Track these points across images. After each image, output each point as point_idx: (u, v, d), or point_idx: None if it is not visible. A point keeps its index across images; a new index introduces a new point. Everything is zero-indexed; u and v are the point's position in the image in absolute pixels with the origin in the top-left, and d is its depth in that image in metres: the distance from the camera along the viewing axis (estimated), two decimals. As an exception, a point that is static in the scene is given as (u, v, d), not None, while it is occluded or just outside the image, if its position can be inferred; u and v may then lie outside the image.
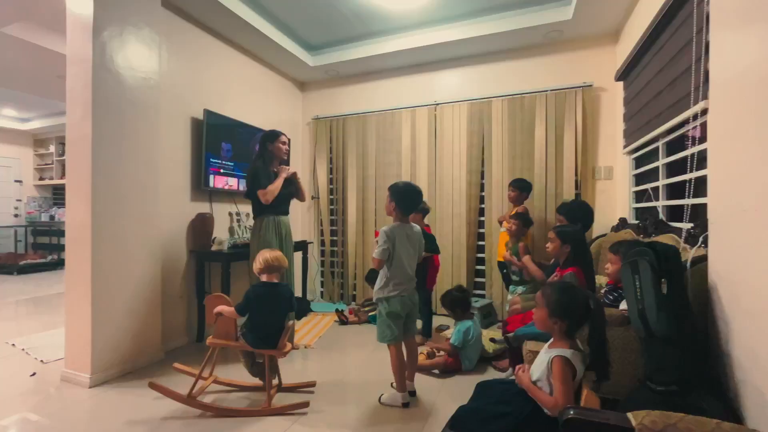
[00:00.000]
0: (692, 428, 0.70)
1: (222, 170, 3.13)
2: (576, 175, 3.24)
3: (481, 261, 3.60)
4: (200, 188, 2.97)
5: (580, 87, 3.20)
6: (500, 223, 3.20)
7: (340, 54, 3.77)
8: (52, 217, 6.83)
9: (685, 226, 1.77)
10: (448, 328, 3.07)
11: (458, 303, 2.48)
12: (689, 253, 1.52)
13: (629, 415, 0.75)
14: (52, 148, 6.88)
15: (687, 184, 1.75)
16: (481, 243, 3.61)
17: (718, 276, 1.37)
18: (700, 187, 1.80)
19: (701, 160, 1.74)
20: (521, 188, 3.03)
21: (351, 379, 2.28)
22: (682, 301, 1.38)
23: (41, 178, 7.09)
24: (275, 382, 2.02)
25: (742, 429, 0.69)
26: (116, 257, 2.25)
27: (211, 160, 3.02)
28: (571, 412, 0.79)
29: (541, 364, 1.23)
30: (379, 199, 3.95)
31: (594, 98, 3.25)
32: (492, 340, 2.58)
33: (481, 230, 3.60)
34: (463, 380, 2.26)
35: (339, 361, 2.55)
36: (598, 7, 2.75)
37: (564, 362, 1.16)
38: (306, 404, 1.88)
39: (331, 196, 4.23)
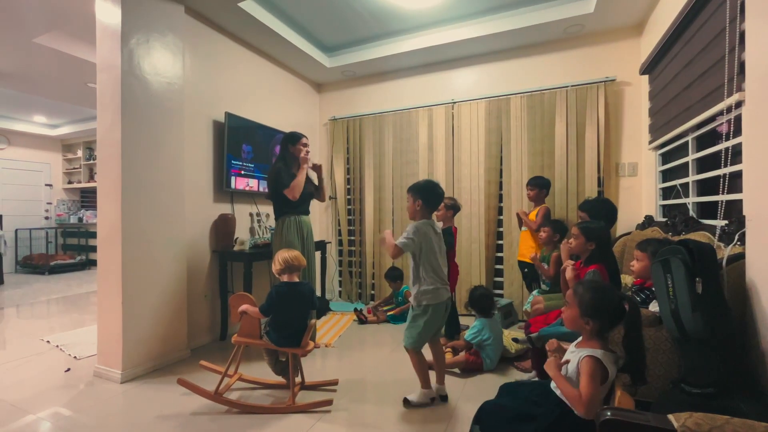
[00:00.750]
0: (739, 431, 0.68)
1: (243, 171, 3.19)
2: (598, 172, 3.16)
3: (500, 260, 3.56)
4: (222, 189, 3.04)
5: (602, 82, 3.12)
6: (519, 218, 3.15)
7: (357, 55, 3.79)
8: (80, 219, 7.09)
9: (719, 223, 1.70)
10: (466, 328, 3.04)
11: (475, 302, 2.47)
12: (725, 251, 1.47)
13: (671, 416, 0.73)
14: (79, 153, 7.14)
15: (721, 179, 1.69)
16: (500, 242, 3.57)
17: (757, 274, 1.32)
18: (732, 183, 1.73)
19: (735, 154, 1.67)
20: (540, 186, 2.98)
21: (372, 378, 2.29)
22: (719, 300, 1.33)
23: (69, 182, 7.37)
24: (298, 380, 2.05)
25: (793, 433, 0.66)
26: (144, 257, 2.33)
27: (233, 161, 3.08)
28: (608, 414, 0.77)
29: (570, 364, 1.21)
30: (397, 199, 3.95)
31: (617, 93, 3.16)
32: (514, 339, 2.54)
33: (500, 229, 3.55)
34: (485, 379, 2.24)
35: (359, 360, 2.56)
36: (621, -1, 2.68)
37: (595, 362, 1.14)
38: (329, 402, 1.90)
39: (349, 197, 4.25)
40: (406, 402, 1.91)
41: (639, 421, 0.74)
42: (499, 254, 3.57)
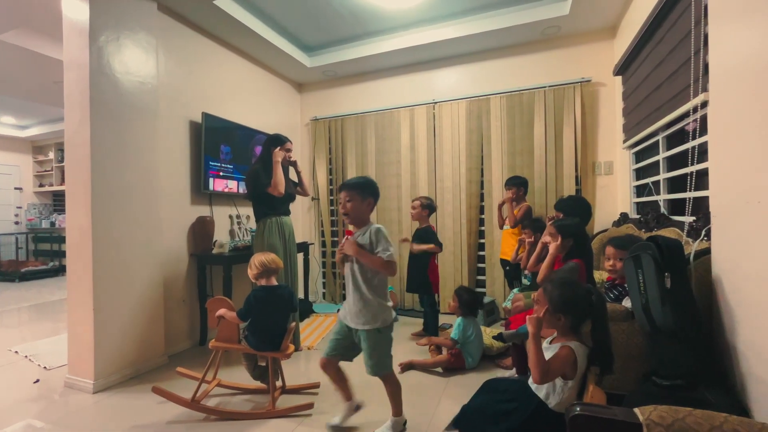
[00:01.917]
0: (701, 422, 0.70)
1: (221, 173, 3.13)
2: (576, 170, 3.23)
3: (482, 259, 3.60)
4: (200, 191, 2.97)
5: (578, 82, 3.19)
6: (499, 215, 3.18)
7: (338, 54, 3.76)
8: (52, 224, 6.83)
9: (687, 219, 1.76)
10: (450, 326, 3.06)
11: (462, 302, 2.48)
12: (692, 247, 1.52)
13: (636, 410, 0.75)
14: (51, 155, 6.88)
15: (688, 177, 1.74)
16: (481, 241, 3.60)
17: (722, 269, 1.37)
18: (701, 180, 1.79)
19: (702, 153, 1.73)
20: (518, 184, 3.02)
21: (354, 380, 2.26)
22: (686, 294, 1.37)
23: (41, 185, 7.08)
24: (279, 384, 2.02)
25: (751, 423, 0.69)
26: (117, 262, 2.25)
27: (211, 163, 3.01)
28: (578, 409, 0.78)
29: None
30: (380, 199, 3.90)
31: (593, 93, 3.24)
32: (494, 337, 2.57)
33: (482, 228, 3.59)
34: (467, 378, 2.26)
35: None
36: (594, 1, 2.74)
37: (569, 350, 1.17)
38: (310, 405, 1.88)
39: (332, 197, 4.22)
40: None
41: (607, 415, 0.76)
42: (481, 253, 3.61)
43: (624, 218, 2.84)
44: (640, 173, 2.86)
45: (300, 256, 3.76)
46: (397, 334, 3.06)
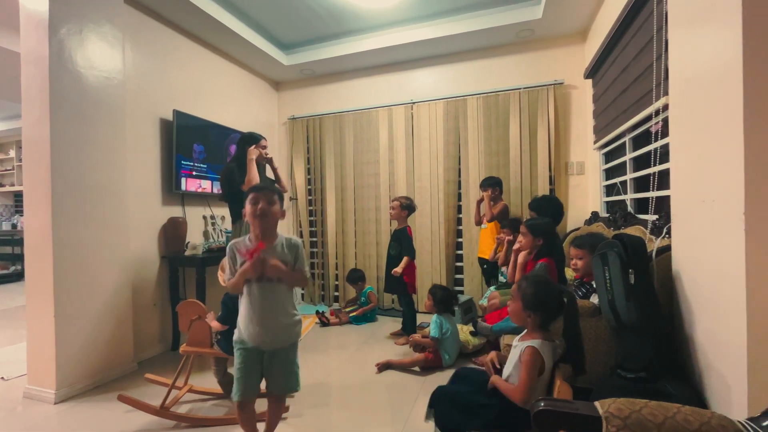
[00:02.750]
0: (655, 413, 0.72)
1: (194, 173, 3.04)
2: (550, 170, 3.31)
3: (460, 258, 3.64)
4: (171, 192, 2.87)
5: (551, 85, 3.27)
6: (477, 212, 3.22)
7: (315, 53, 3.72)
8: (14, 226, 6.47)
9: (651, 218, 1.83)
10: (428, 325, 3.08)
11: (438, 299, 2.50)
12: (654, 244, 1.58)
13: (597, 403, 0.77)
14: (12, 153, 6.51)
15: (651, 177, 1.81)
16: (459, 240, 3.65)
17: (681, 264, 1.43)
18: (665, 180, 1.87)
19: (665, 154, 1.81)
20: (493, 185, 3.06)
21: (332, 381, 2.26)
22: (649, 290, 1.43)
23: (1, 185, 6.70)
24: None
25: (701, 411, 0.72)
26: (81, 265, 2.15)
27: (183, 162, 2.92)
28: (542, 404, 0.80)
29: (513, 358, 1.25)
30: (359, 199, 3.93)
31: (565, 95, 3.33)
32: (472, 333, 2.61)
33: (460, 227, 3.63)
34: (445, 375, 2.28)
35: (320, 363, 2.52)
36: (566, 6, 2.82)
37: (533, 351, 1.19)
38: (285, 409, 1.84)
39: (310, 197, 4.18)
40: None
41: (569, 409, 0.77)
42: (459, 252, 3.65)
43: (595, 217, 2.93)
44: (609, 173, 2.96)
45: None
46: (375, 334, 3.08)
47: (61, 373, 2.03)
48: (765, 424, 0.68)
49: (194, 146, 3.04)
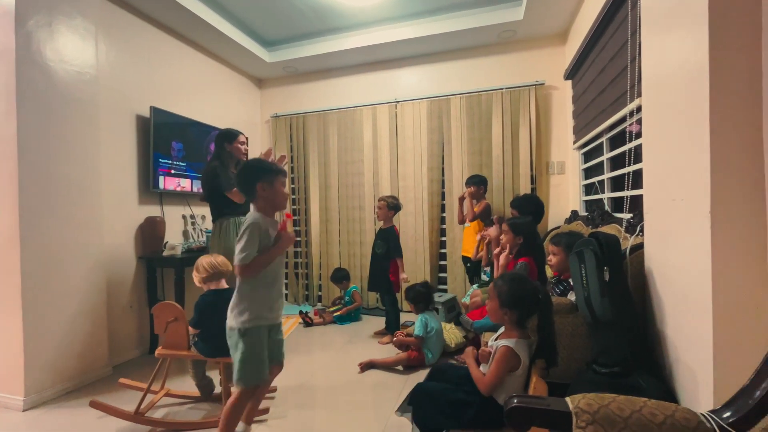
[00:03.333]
0: (623, 408, 0.74)
1: (173, 171, 2.97)
2: (531, 170, 3.36)
3: (444, 256, 3.66)
4: (149, 190, 2.80)
5: (533, 85, 3.32)
6: (460, 211, 3.25)
7: (298, 50, 3.68)
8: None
9: (626, 216, 1.88)
10: (411, 324, 3.09)
11: (421, 297, 2.52)
12: (628, 242, 1.62)
13: (567, 399, 0.78)
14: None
15: (626, 177, 1.86)
16: (443, 239, 3.67)
17: (653, 262, 1.47)
18: (640, 179, 1.92)
19: (640, 154, 1.85)
20: (478, 183, 3.11)
21: (315, 382, 2.24)
22: (623, 286, 1.46)
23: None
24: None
25: (666, 405, 0.74)
26: (51, 267, 2.07)
27: (161, 160, 2.85)
28: (515, 401, 0.81)
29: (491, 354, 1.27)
30: (343, 198, 3.91)
31: (546, 96, 3.39)
32: (456, 323, 2.65)
33: (443, 226, 3.66)
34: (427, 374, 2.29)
35: (303, 364, 2.50)
36: (546, 8, 2.86)
37: (507, 350, 1.21)
38: (265, 410, 1.82)
39: (294, 196, 4.13)
40: None
41: (540, 405, 0.78)
42: (443, 250, 3.67)
43: (574, 215, 2.99)
44: (588, 172, 3.02)
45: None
46: (359, 333, 3.07)
47: (30, 378, 1.96)
48: (725, 416, 0.71)
49: (173, 144, 2.97)
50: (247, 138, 2.69)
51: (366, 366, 2.37)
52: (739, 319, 1.04)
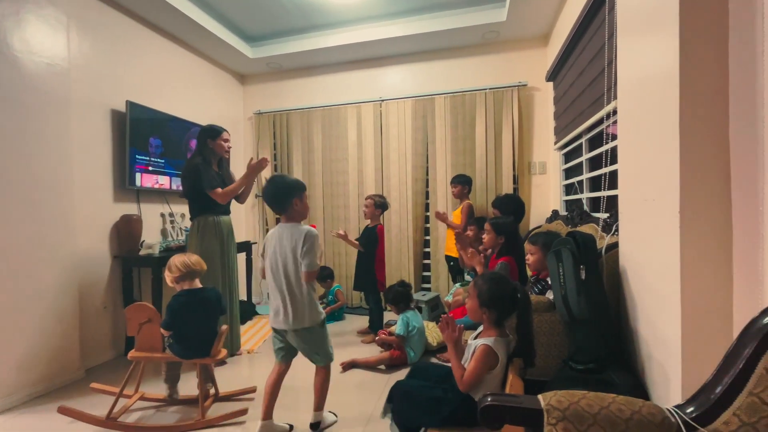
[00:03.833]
0: (592, 404, 0.75)
1: (151, 168, 2.89)
2: (514, 170, 3.41)
3: (428, 255, 3.68)
4: (125, 187, 2.71)
5: (515, 86, 3.36)
6: (439, 217, 3.27)
7: (282, 46, 3.63)
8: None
9: (603, 216, 1.92)
10: (395, 323, 3.10)
11: (401, 297, 2.52)
12: (604, 241, 1.66)
13: (540, 396, 0.79)
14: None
15: (603, 177, 1.90)
16: (427, 237, 3.68)
17: (627, 260, 1.50)
18: (617, 179, 1.96)
19: (617, 155, 1.89)
20: (463, 183, 3.14)
21: (297, 383, 2.21)
22: (598, 285, 1.49)
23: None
24: (212, 392, 1.91)
25: (633, 401, 0.75)
26: (18, 266, 1.98)
27: (138, 156, 2.76)
28: (489, 399, 0.81)
29: (468, 352, 1.27)
30: (327, 197, 3.88)
31: (528, 97, 3.43)
32: (437, 322, 2.66)
33: (427, 225, 3.67)
34: (409, 373, 2.29)
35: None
36: (528, 10, 2.90)
37: (486, 349, 1.22)
38: (244, 411, 1.79)
39: (277, 194, 4.07)
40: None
41: (513, 403, 0.79)
42: (427, 249, 3.69)
43: (555, 215, 3.04)
44: (568, 173, 3.08)
45: (242, 256, 3.60)
46: (342, 333, 3.05)
47: (-6, 383, 1.87)
48: (689, 411, 0.73)
49: (150, 140, 2.89)
50: (230, 134, 2.64)
51: (348, 366, 2.35)
52: (706, 317, 1.07)
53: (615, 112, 1.78)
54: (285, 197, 1.64)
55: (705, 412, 0.71)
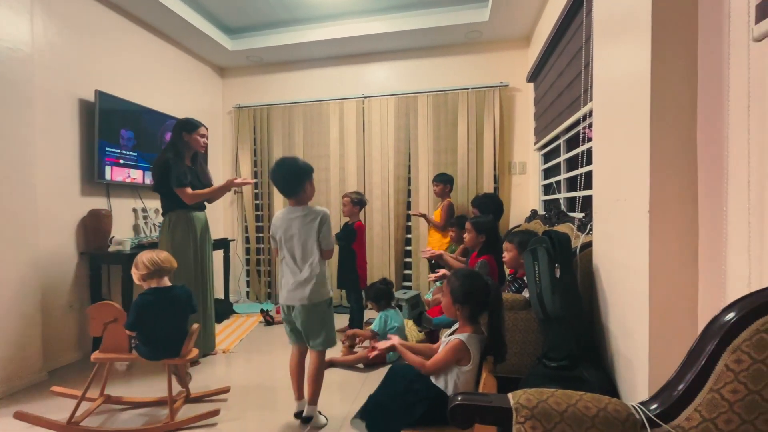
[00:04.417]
0: (559, 402, 0.75)
1: (122, 161, 2.77)
2: (494, 169, 3.44)
3: (409, 253, 3.68)
4: (93, 181, 2.59)
5: (497, 86, 3.39)
6: (426, 220, 3.27)
7: (263, 39, 3.55)
8: None
9: (579, 215, 1.95)
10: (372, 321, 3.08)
11: (382, 294, 2.51)
12: (579, 240, 1.68)
13: (509, 395, 0.78)
14: None
15: (579, 177, 1.93)
16: (408, 236, 3.68)
17: (599, 259, 1.53)
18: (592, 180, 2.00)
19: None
20: (444, 181, 3.15)
21: (274, 383, 2.18)
22: (572, 283, 1.51)
23: None
24: (183, 392, 1.85)
25: (600, 398, 0.76)
26: (-27, 264, 1.87)
27: (107, 149, 2.65)
28: (459, 398, 0.80)
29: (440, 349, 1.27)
30: (308, 194, 3.82)
31: (510, 98, 3.47)
32: (416, 322, 2.66)
33: (409, 223, 3.67)
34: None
35: (262, 364, 2.42)
36: (510, 11, 2.93)
37: (459, 344, 1.22)
38: (216, 413, 1.74)
39: (257, 191, 4.00)
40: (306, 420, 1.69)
41: (482, 402, 0.78)
42: (408, 248, 3.69)
43: (533, 215, 3.09)
44: (547, 173, 3.13)
45: (220, 254, 3.51)
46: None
47: (-55, 387, 1.76)
48: (653, 407, 0.74)
49: (122, 132, 2.77)
50: (207, 129, 2.56)
51: (326, 365, 2.32)
52: (672, 313, 1.10)
53: (591, 113, 1.81)
54: (298, 180, 1.67)
55: (668, 409, 0.72)
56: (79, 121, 2.55)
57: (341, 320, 3.24)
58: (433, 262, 3.24)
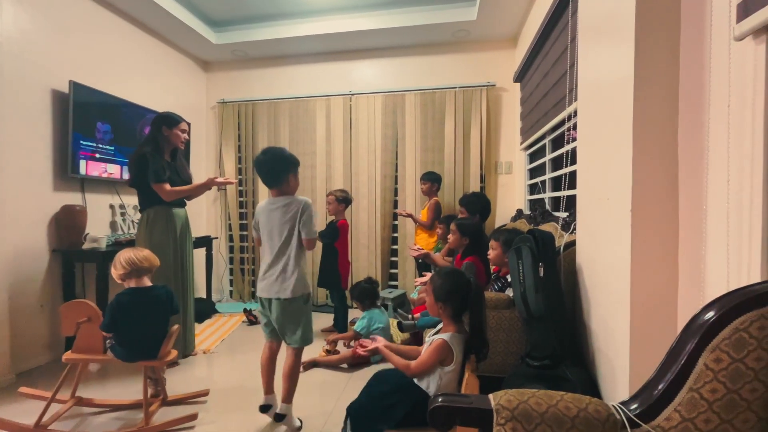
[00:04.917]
0: (541, 402, 0.74)
1: (98, 155, 2.67)
2: (481, 169, 3.45)
3: (396, 252, 3.66)
4: (67, 176, 2.49)
5: (484, 86, 3.40)
6: (413, 219, 3.26)
7: (248, 33, 3.48)
8: None
9: (563, 215, 1.97)
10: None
11: (367, 294, 2.48)
12: (563, 239, 1.69)
13: (490, 396, 0.77)
14: None
15: (563, 177, 1.94)
16: (395, 234, 3.66)
17: (582, 258, 1.54)
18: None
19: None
20: (432, 180, 3.14)
21: (255, 384, 2.10)
22: (555, 282, 1.52)
23: None
24: (159, 395, 1.79)
25: (580, 398, 0.75)
26: (-66, 261, 1.77)
27: (82, 142, 2.55)
28: (440, 400, 0.78)
29: (424, 349, 1.26)
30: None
31: (497, 97, 3.48)
32: (399, 325, 2.64)
33: (395, 222, 3.65)
34: (372, 371, 2.23)
35: (243, 365, 2.37)
36: (498, 10, 2.93)
37: (442, 343, 1.21)
38: (193, 417, 1.69)
39: (241, 188, 3.92)
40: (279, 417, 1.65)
41: (463, 404, 0.77)
42: (395, 246, 3.67)
43: (519, 214, 3.11)
44: (533, 173, 3.15)
45: (202, 252, 3.43)
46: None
47: None
48: (633, 407, 0.73)
49: (98, 125, 2.67)
50: (189, 125, 2.48)
51: (309, 365, 2.29)
52: (653, 312, 1.10)
53: (576, 113, 1.82)
54: (281, 171, 1.65)
55: (648, 408, 0.72)
56: (52, 113, 2.44)
57: (326, 320, 3.21)
58: (420, 261, 3.24)
